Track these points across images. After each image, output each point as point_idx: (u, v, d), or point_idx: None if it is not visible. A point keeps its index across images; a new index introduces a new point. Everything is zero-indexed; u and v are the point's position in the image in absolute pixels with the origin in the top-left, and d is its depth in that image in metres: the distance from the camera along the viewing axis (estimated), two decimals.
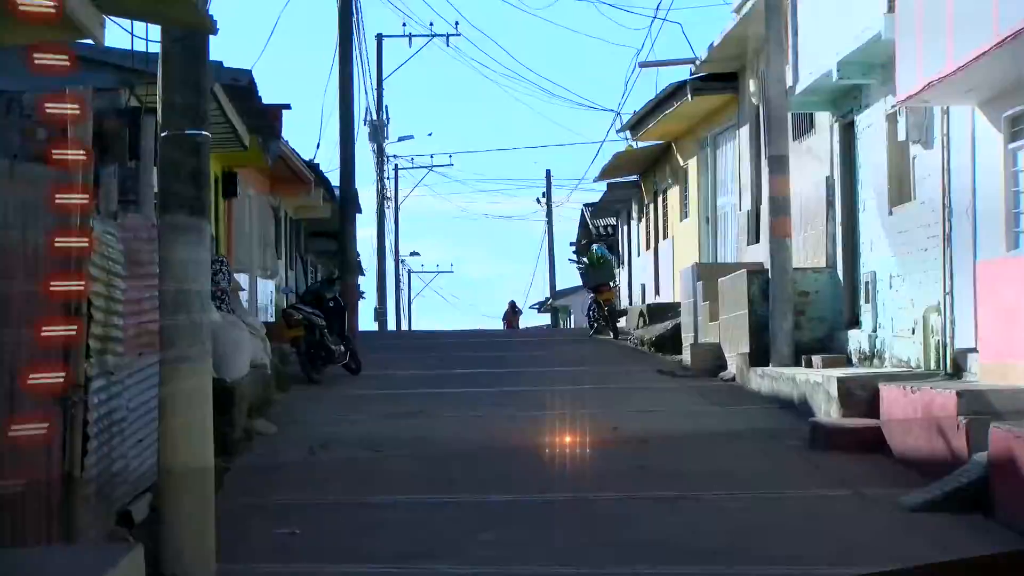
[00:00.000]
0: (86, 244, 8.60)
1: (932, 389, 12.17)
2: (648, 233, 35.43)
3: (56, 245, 8.40)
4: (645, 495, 11.18)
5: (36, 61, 7.23)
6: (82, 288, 8.59)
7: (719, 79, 24.40)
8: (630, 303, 35.49)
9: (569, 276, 57.93)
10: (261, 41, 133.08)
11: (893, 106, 15.31)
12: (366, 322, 39.10)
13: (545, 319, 61.82)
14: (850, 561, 8.85)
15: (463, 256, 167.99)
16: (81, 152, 8.79)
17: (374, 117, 42.71)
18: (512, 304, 56.04)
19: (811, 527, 10.00)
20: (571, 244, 52.76)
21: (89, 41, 8.20)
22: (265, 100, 18.89)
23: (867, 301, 17.06)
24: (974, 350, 13.63)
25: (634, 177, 35.97)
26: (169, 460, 8.58)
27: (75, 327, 8.46)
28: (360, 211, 35.08)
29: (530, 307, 64.68)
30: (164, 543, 8.37)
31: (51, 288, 8.34)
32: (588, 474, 12.09)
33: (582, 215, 46.67)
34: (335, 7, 28.69)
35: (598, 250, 34.50)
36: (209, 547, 8.43)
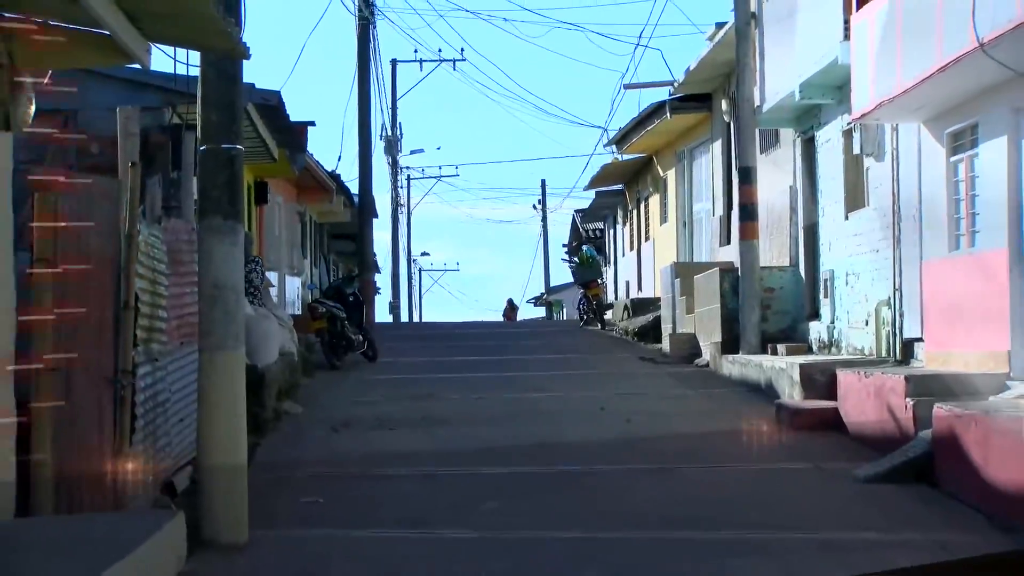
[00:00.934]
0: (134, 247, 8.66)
1: (883, 374, 12.19)
2: (632, 236, 35.43)
3: (106, 247, 8.47)
4: (630, 468, 11.19)
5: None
6: (130, 286, 8.66)
7: (695, 99, 24.39)
8: (616, 298, 35.47)
9: (562, 274, 58.13)
10: (289, 63, 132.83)
11: (849, 123, 15.36)
12: (382, 314, 39.09)
13: (541, 312, 61.71)
14: (810, 526, 8.89)
15: (468, 256, 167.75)
16: (132, 163, 8.86)
17: (389, 133, 42.65)
18: (510, 301, 55.88)
19: (776, 496, 10.00)
20: (564, 245, 52.69)
21: (137, 65, 8.23)
22: (292, 117, 18.85)
23: (826, 296, 17.09)
24: (920, 340, 13.67)
25: (619, 186, 35.95)
26: (207, 437, 8.60)
27: (124, 319, 8.53)
28: (376, 216, 35.13)
29: (527, 301, 64.55)
30: (202, 511, 8.38)
31: (102, 285, 8.41)
32: (579, 450, 12.11)
33: (573, 220, 46.66)
34: (355, 35, 28.75)
35: (588, 251, 34.42)
36: (242, 514, 8.43)
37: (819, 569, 7.68)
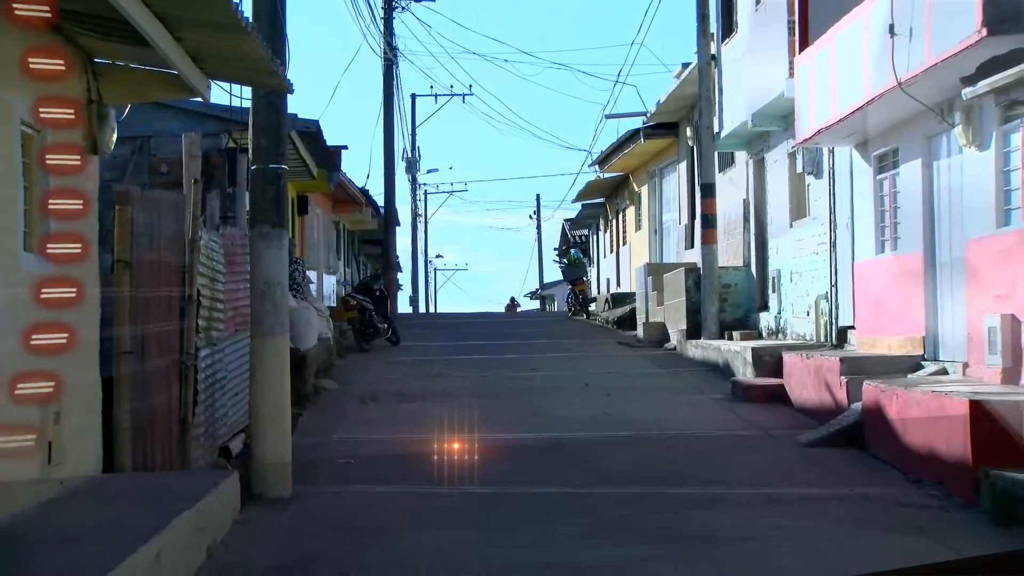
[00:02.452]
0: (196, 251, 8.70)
1: (822, 356, 12.23)
2: (612, 240, 35.38)
3: (174, 251, 8.50)
4: (609, 435, 11.20)
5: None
6: (193, 283, 8.70)
7: (664, 127, 24.34)
8: (598, 292, 35.45)
9: (553, 272, 57.81)
10: (326, 94, 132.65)
11: (793, 147, 15.38)
12: (403, 306, 39.03)
13: (535, 304, 61.61)
14: (761, 483, 8.91)
15: (475, 257, 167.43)
16: (194, 180, 8.88)
17: (409, 155, 42.59)
18: (512, 299, 55.79)
19: (732, 458, 10.03)
20: (555, 249, 52.56)
21: (199, 99, 8.26)
22: (328, 142, 18.84)
23: (774, 291, 17.11)
24: (852, 327, 13.70)
25: (601, 199, 35.86)
26: (258, 408, 8.63)
27: (188, 311, 8.57)
28: (399, 224, 35.07)
29: (524, 295, 64.48)
30: (254, 470, 8.41)
31: (170, 282, 8.44)
32: (567, 419, 12.10)
33: (563, 227, 46.55)
34: (380, 74, 28.76)
35: (575, 253, 34.43)
36: (287, 473, 8.45)
37: (768, 519, 7.71)
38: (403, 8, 29.83)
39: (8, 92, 5.82)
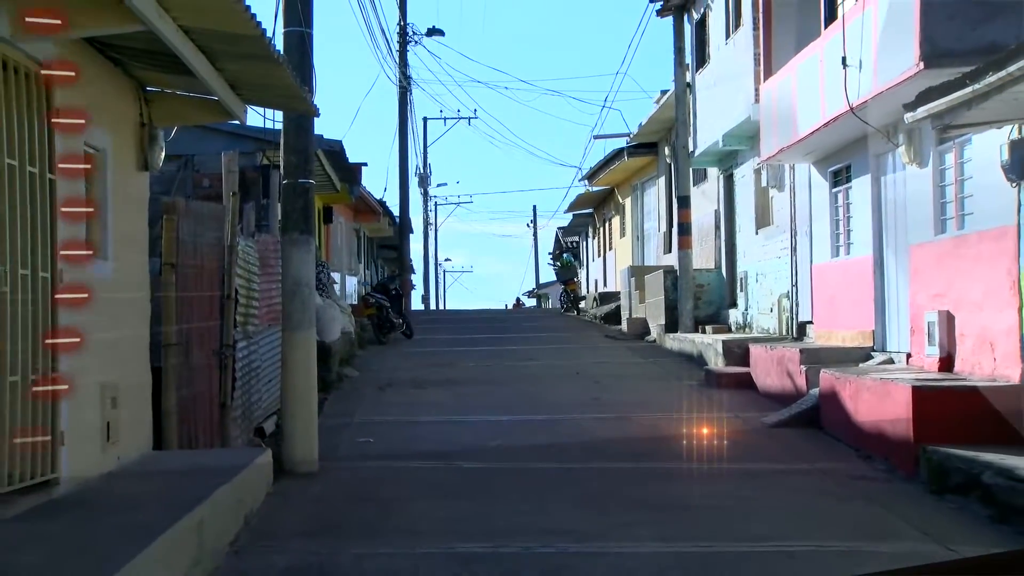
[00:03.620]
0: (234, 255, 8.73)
1: (783, 347, 12.26)
2: (599, 246, 35.39)
3: (214, 255, 8.53)
4: (597, 416, 11.21)
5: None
6: (231, 283, 8.73)
7: (645, 146, 24.38)
8: (588, 291, 35.47)
9: (548, 274, 57.79)
10: (348, 116, 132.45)
11: (758, 164, 15.42)
12: (416, 304, 39.00)
13: (532, 302, 61.52)
14: (731, 458, 8.88)
15: (479, 261, 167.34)
16: (232, 193, 8.92)
17: (421, 171, 42.52)
18: (518, 299, 55.76)
19: (705, 437, 9.97)
20: (549, 253, 52.20)
21: (236, 121, 8.30)
22: (350, 159, 18.90)
23: (742, 290, 17.14)
24: (811, 322, 13.73)
25: (590, 210, 35.91)
26: (288, 393, 8.63)
27: (228, 308, 8.61)
28: (412, 231, 35.06)
29: (523, 294, 64.38)
30: (285, 447, 8.44)
31: (211, 282, 8.48)
32: (561, 401, 12.12)
33: (556, 234, 46.43)
34: (396, 99, 28.81)
35: (567, 257, 34.34)
36: (314, 450, 8.47)
37: (737, 490, 7.75)
38: (416, 42, 29.86)
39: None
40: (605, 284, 33.03)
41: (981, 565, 1.51)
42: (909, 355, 10.48)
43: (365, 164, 23.69)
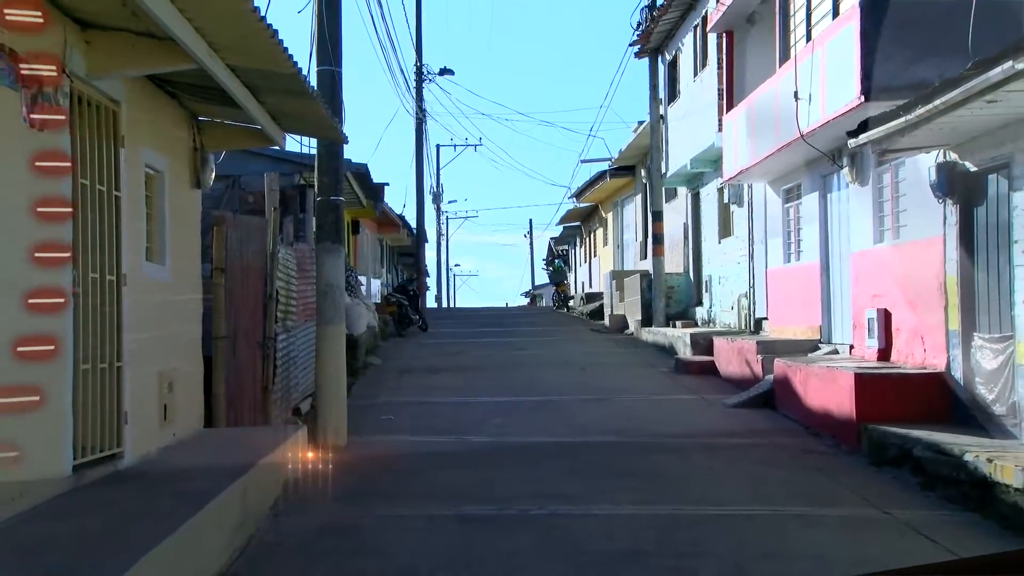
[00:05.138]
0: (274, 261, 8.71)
1: (743, 340, 12.25)
2: (586, 253, 35.33)
3: (258, 261, 8.52)
4: (584, 398, 11.19)
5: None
6: (273, 285, 8.72)
7: (624, 169, 24.29)
8: (576, 292, 35.45)
9: (542, 277, 57.77)
10: (373, 141, 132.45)
11: (721, 184, 15.39)
12: (430, 303, 38.93)
13: (526, 300, 61.44)
14: (697, 434, 8.87)
15: (484, 266, 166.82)
16: (273, 208, 8.91)
17: (435, 190, 42.63)
18: (532, 296, 55.60)
19: (674, 416, 10.02)
20: (543, 259, 52.15)
21: (276, 147, 8.31)
22: (374, 180, 18.88)
23: (707, 291, 17.12)
24: (766, 318, 13.71)
25: (577, 223, 35.92)
26: (321, 378, 8.63)
27: (269, 306, 8.59)
28: (427, 241, 35.02)
29: (521, 295, 64.30)
30: (318, 425, 8.43)
31: (255, 284, 8.46)
32: (552, 385, 12.10)
33: (549, 243, 46.36)
34: (413, 129, 28.80)
35: (558, 263, 34.39)
36: (343, 426, 8.48)
37: (702, 461, 7.75)
38: (430, 80, 29.84)
39: (139, 145, 5.86)
40: (591, 286, 32.96)
41: (981, 565, 1.37)
42: (852, 347, 10.47)
43: (387, 184, 23.70)
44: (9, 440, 4.41)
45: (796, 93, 10.40)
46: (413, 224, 29.76)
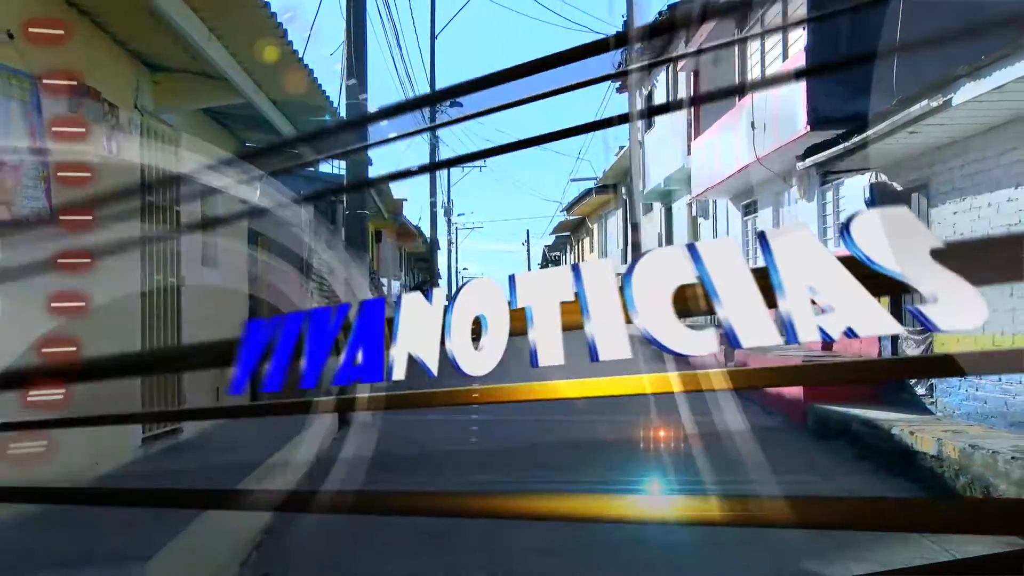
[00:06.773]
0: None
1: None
2: (575, 259, 35.37)
3: (295, 265, 8.54)
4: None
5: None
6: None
7: (607, 187, 24.47)
8: None
9: None
10: (393, 164, 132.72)
11: (690, 200, 15.49)
12: None
13: None
14: (663, 416, 8.97)
15: (489, 271, 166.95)
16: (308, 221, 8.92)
17: (446, 204, 42.67)
18: None
19: (645, 400, 9.95)
20: (538, 264, 52.52)
21: (312, 169, 8.37)
22: (395, 196, 18.99)
23: None
24: None
25: (568, 233, 36.00)
26: None
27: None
28: (439, 248, 35.06)
29: None
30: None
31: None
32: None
33: (543, 251, 46.59)
34: (427, 153, 28.88)
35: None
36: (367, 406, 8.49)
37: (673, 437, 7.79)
38: (441, 111, 29.93)
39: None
40: None
41: (981, 565, 1.22)
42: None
43: (405, 199, 23.95)
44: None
45: (752, 123, 10.47)
46: (427, 233, 29.83)
